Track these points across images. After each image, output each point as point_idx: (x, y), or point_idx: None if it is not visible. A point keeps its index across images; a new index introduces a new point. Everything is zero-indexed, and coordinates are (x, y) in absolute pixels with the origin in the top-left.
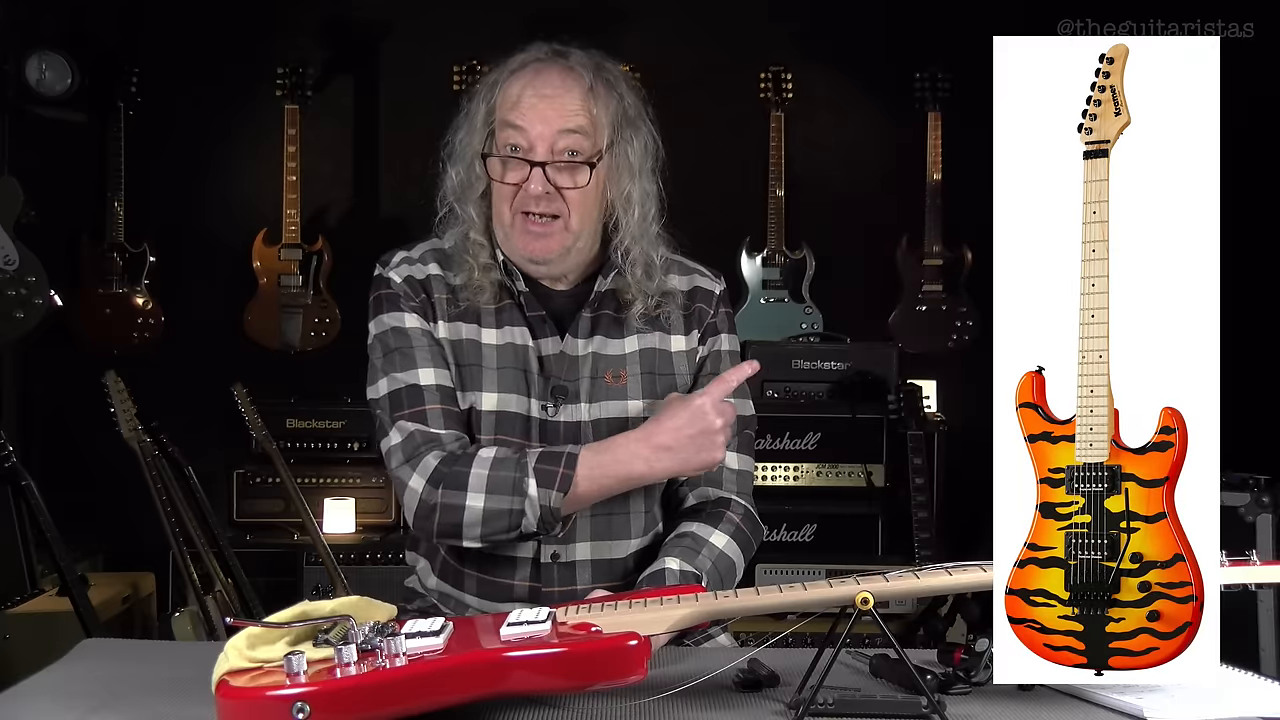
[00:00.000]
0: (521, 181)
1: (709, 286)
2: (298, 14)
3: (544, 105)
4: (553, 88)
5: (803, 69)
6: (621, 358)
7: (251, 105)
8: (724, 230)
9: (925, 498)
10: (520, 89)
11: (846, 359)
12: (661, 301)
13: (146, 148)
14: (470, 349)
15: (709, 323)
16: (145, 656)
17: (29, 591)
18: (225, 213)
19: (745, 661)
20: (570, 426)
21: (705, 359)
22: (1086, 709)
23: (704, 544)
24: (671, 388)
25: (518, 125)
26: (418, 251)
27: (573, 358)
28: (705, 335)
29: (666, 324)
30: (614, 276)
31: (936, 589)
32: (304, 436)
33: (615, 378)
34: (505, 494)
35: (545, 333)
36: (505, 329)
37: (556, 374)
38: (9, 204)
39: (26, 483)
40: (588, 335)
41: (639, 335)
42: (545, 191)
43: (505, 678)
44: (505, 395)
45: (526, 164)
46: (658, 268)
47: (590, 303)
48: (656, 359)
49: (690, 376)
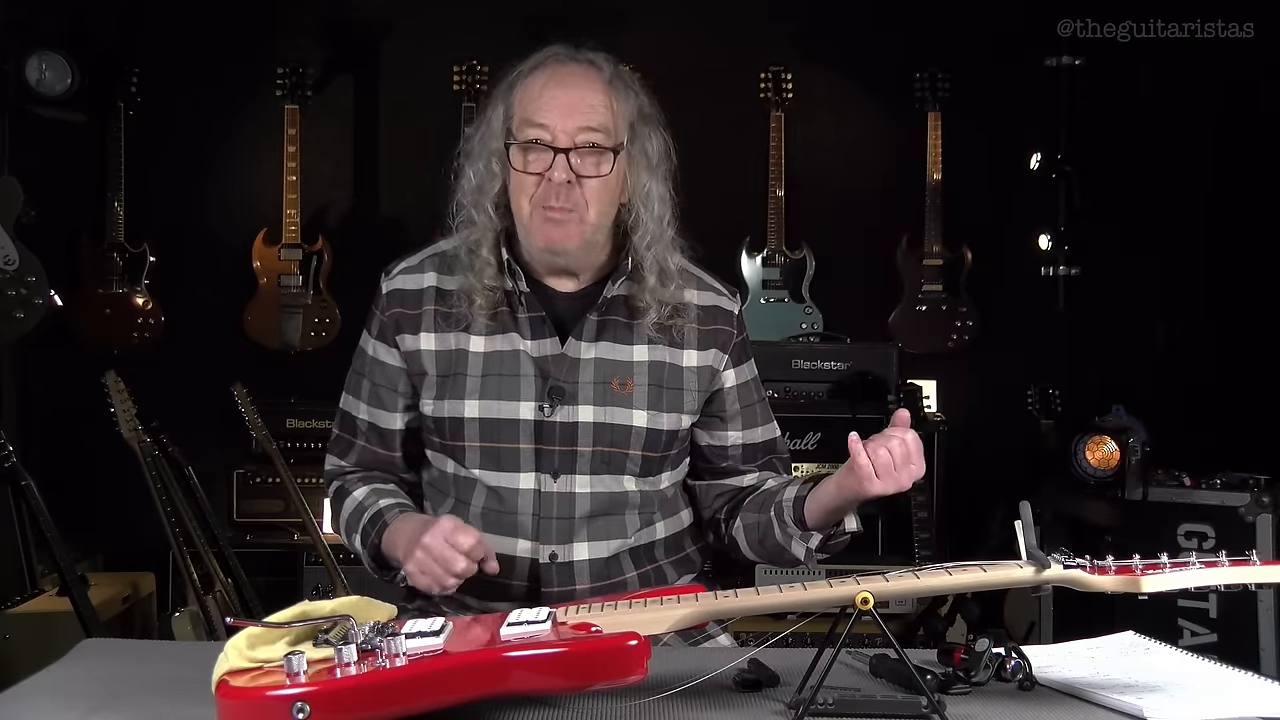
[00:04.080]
0: (544, 170)
1: (728, 307)
2: (298, 14)
3: (565, 97)
4: (574, 80)
5: (803, 69)
6: (629, 365)
7: (251, 105)
8: (724, 230)
9: (925, 498)
10: (541, 86)
11: (846, 359)
12: (675, 312)
13: (146, 148)
14: (457, 358)
15: (735, 345)
16: (145, 656)
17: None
18: (225, 213)
19: (745, 661)
20: (567, 427)
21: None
22: (1086, 709)
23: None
24: (678, 404)
25: (539, 121)
26: (418, 259)
27: (574, 360)
28: (735, 360)
29: (679, 338)
30: (625, 283)
31: (936, 589)
32: (304, 436)
33: (622, 385)
34: (351, 537)
35: (544, 333)
36: (495, 336)
37: (555, 375)
38: (9, 204)
39: (26, 483)
40: (593, 339)
41: (650, 345)
42: (568, 180)
43: (505, 678)
44: (488, 402)
45: (550, 151)
46: (672, 275)
47: (598, 306)
48: (666, 372)
49: (700, 394)
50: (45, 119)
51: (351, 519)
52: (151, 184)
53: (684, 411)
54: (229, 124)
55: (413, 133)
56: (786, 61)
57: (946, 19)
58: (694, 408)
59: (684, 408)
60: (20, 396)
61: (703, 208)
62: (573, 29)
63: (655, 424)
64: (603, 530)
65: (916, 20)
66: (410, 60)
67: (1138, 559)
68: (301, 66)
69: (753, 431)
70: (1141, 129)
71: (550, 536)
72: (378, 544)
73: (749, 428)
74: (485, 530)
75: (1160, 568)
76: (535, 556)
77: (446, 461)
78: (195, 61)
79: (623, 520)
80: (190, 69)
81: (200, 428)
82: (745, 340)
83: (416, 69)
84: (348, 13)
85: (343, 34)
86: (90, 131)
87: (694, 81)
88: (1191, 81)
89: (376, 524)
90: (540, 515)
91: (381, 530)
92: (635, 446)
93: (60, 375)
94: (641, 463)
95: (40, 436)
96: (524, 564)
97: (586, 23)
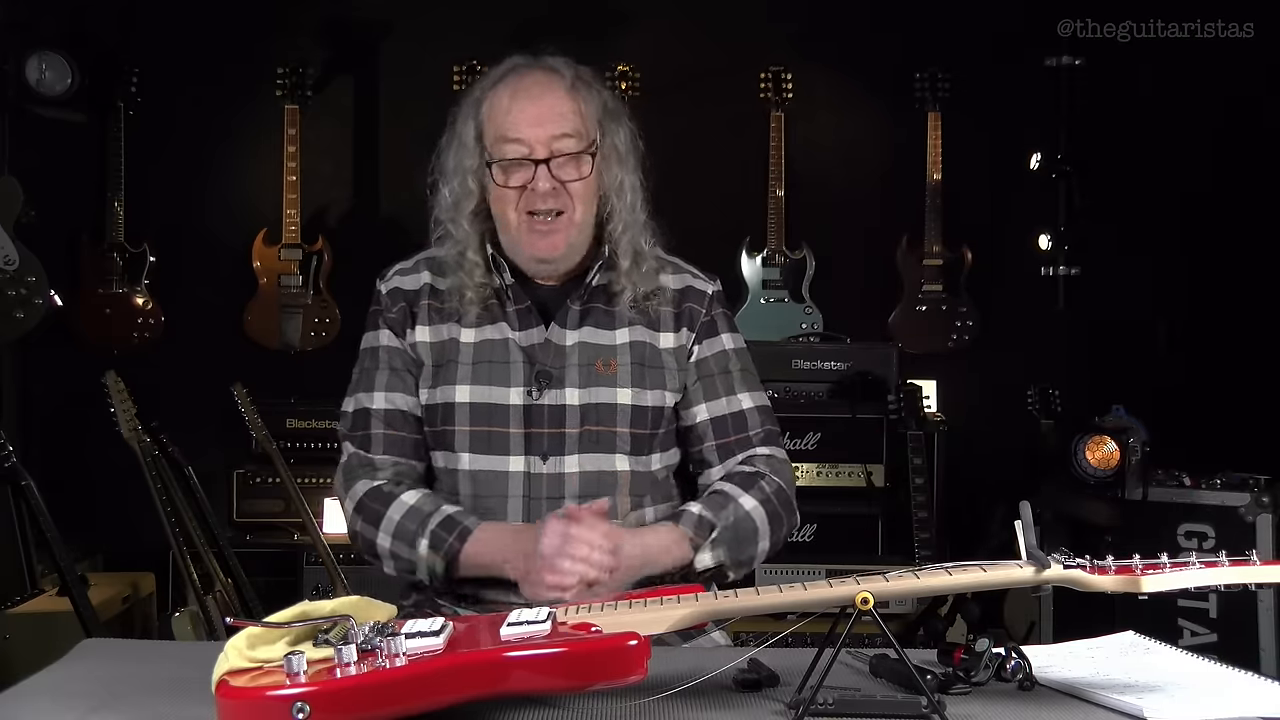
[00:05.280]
0: (527, 182)
1: (701, 287)
2: (298, 14)
3: (534, 108)
4: (539, 88)
5: (803, 69)
6: (612, 348)
7: (251, 105)
8: (724, 230)
9: (925, 498)
10: (508, 99)
11: (846, 359)
12: (651, 294)
13: (146, 148)
14: (450, 348)
15: (703, 322)
16: (145, 656)
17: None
18: (225, 213)
19: (745, 661)
20: (555, 410)
21: (709, 359)
22: (1086, 709)
23: (731, 500)
24: (661, 382)
25: (513, 136)
26: (412, 261)
27: (559, 346)
28: (701, 336)
29: (656, 320)
30: (604, 271)
31: (936, 589)
32: (304, 436)
33: (605, 365)
34: (405, 542)
35: (530, 323)
36: (484, 327)
37: (542, 361)
38: (9, 204)
39: (26, 483)
40: (577, 325)
41: (630, 328)
42: (552, 188)
43: (505, 678)
44: (479, 387)
45: (530, 164)
46: (646, 255)
47: (579, 295)
48: (646, 352)
49: (680, 373)
50: (45, 119)
51: (407, 521)
52: (151, 184)
53: (666, 389)
54: (229, 124)
55: (413, 133)
56: (786, 61)
57: (946, 19)
58: (675, 386)
59: (666, 385)
60: (20, 396)
61: (703, 208)
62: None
63: (640, 400)
64: None
65: (916, 20)
66: (410, 60)
67: (1138, 559)
68: (301, 66)
69: (717, 403)
70: (1141, 129)
71: (540, 517)
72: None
73: (711, 399)
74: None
75: (1160, 568)
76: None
77: (437, 455)
78: (195, 61)
79: (613, 502)
80: (190, 69)
81: (200, 428)
82: (720, 317)
83: (416, 69)
84: (348, 13)
85: (343, 34)
86: (90, 131)
87: (694, 82)
88: (1191, 81)
89: (453, 529)
90: (530, 497)
91: (465, 534)
92: (622, 424)
93: (60, 375)
94: (631, 440)
95: (40, 436)
96: None
97: (586, 23)
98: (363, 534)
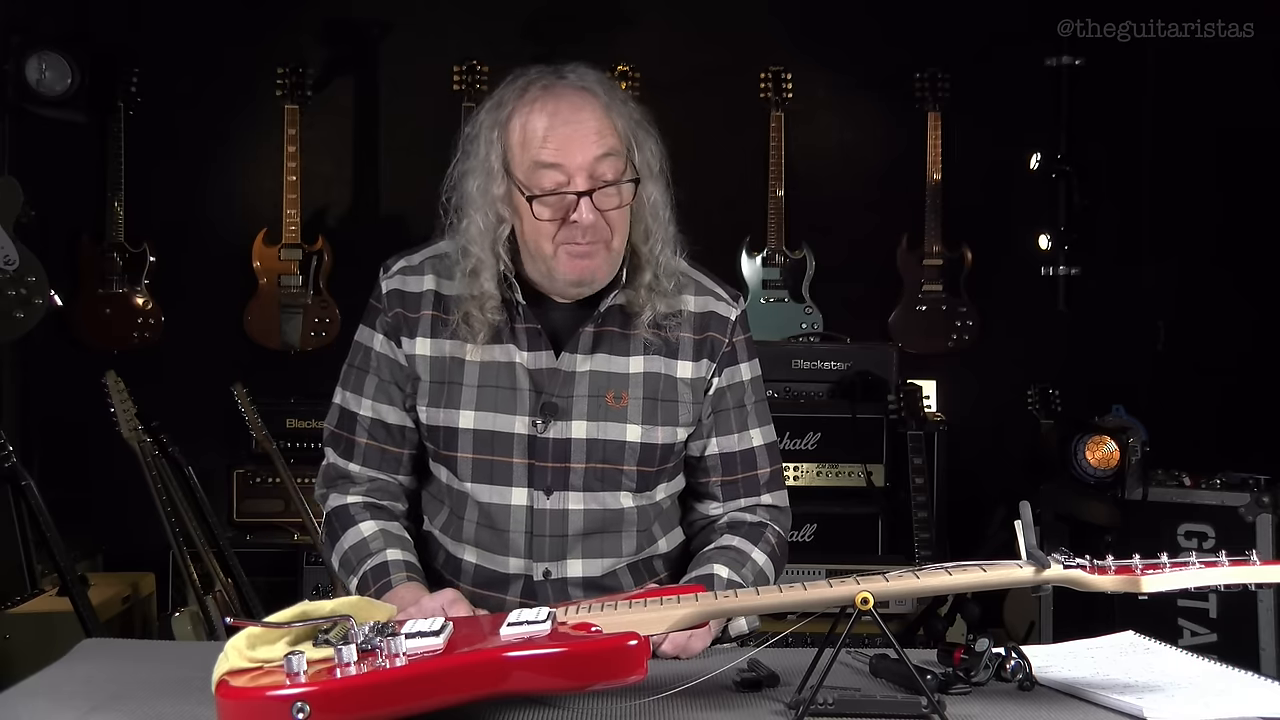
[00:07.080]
0: (566, 214)
1: (724, 312)
2: (298, 14)
3: (572, 133)
4: (575, 112)
5: (803, 69)
6: (625, 377)
7: (251, 105)
8: (724, 230)
9: (925, 498)
10: (544, 124)
11: (846, 359)
12: (670, 317)
13: (146, 147)
14: (452, 366)
15: (723, 353)
16: (145, 656)
17: (29, 591)
18: (225, 213)
19: (745, 661)
20: (560, 444)
21: (725, 391)
22: (1086, 709)
23: (747, 558)
24: (673, 417)
25: (553, 163)
26: (419, 259)
27: (568, 374)
28: (721, 366)
29: (675, 347)
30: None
31: (936, 589)
32: (304, 436)
33: (616, 399)
34: (346, 571)
35: (539, 345)
36: (491, 346)
37: (548, 390)
38: (9, 204)
39: (26, 483)
40: (589, 351)
41: (645, 356)
42: (593, 222)
43: (505, 678)
44: (484, 414)
45: (573, 197)
46: (672, 271)
47: (595, 318)
48: (661, 384)
49: (695, 405)
50: (45, 119)
51: (351, 554)
52: (151, 184)
53: (679, 424)
54: (229, 124)
55: (413, 133)
56: (786, 61)
57: (946, 19)
58: (689, 419)
59: (679, 420)
60: (20, 396)
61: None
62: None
63: (650, 438)
64: (597, 548)
65: (916, 20)
66: (410, 60)
67: (1138, 559)
68: (301, 66)
69: (729, 439)
70: (1141, 129)
71: (543, 554)
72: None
73: (723, 434)
74: (478, 546)
75: (1160, 568)
76: (529, 573)
77: (441, 470)
78: (195, 61)
79: (618, 538)
80: (190, 69)
81: (200, 428)
82: (740, 345)
83: (416, 69)
84: (348, 13)
85: (343, 34)
86: (90, 131)
87: (694, 82)
88: (1191, 81)
89: (380, 579)
90: (533, 533)
91: (384, 589)
92: (630, 462)
93: (60, 375)
94: (637, 478)
95: (40, 436)
96: (517, 580)
97: (586, 23)
98: (324, 548)
